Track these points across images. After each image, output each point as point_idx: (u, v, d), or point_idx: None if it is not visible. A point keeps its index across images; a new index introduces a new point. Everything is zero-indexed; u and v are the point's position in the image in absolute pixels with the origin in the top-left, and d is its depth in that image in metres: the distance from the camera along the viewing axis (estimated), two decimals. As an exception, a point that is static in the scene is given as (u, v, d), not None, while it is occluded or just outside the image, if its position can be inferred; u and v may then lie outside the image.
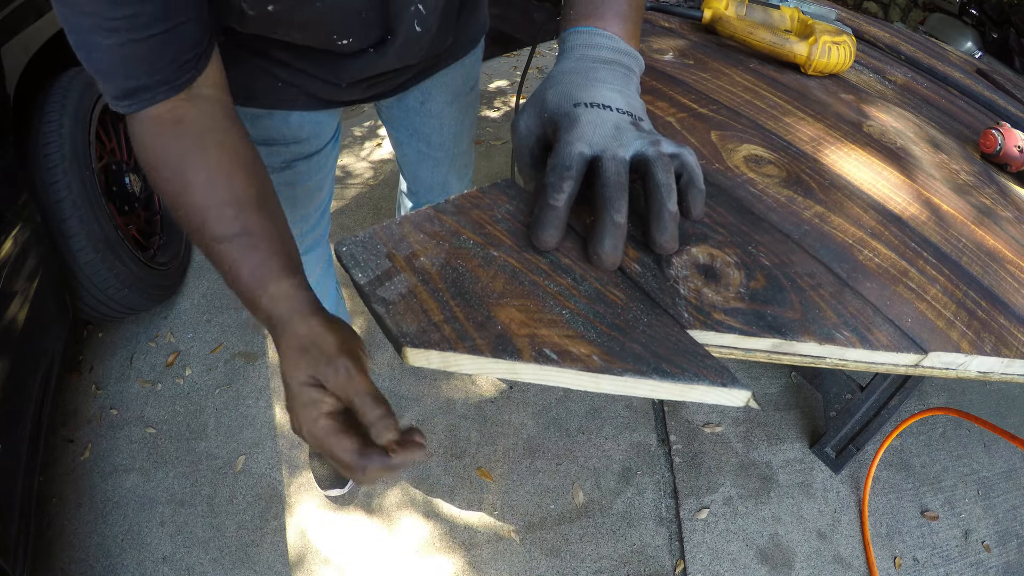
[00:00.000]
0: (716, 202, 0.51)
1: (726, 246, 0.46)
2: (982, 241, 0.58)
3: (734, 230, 0.48)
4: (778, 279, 0.45)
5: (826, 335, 0.42)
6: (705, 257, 0.45)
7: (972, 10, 3.15)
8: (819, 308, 0.44)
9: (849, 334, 0.42)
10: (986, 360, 0.45)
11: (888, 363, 0.44)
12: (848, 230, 0.52)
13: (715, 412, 1.52)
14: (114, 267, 1.32)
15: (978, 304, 0.49)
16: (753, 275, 0.45)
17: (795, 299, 0.44)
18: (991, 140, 0.75)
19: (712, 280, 0.43)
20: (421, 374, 1.52)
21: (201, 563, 1.22)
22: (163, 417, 1.42)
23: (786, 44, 0.78)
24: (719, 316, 0.41)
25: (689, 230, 0.47)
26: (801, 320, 0.42)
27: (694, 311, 0.41)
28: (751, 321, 0.41)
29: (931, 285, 0.49)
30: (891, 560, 1.33)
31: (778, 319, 0.42)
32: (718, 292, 0.43)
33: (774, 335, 0.41)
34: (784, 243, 0.49)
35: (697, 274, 0.44)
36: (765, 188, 0.54)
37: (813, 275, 0.46)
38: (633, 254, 0.44)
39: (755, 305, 0.43)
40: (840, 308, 0.44)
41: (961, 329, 0.46)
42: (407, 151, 1.02)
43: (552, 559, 1.26)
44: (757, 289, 0.44)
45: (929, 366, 0.45)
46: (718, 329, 0.40)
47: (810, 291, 0.45)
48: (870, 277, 0.48)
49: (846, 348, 0.42)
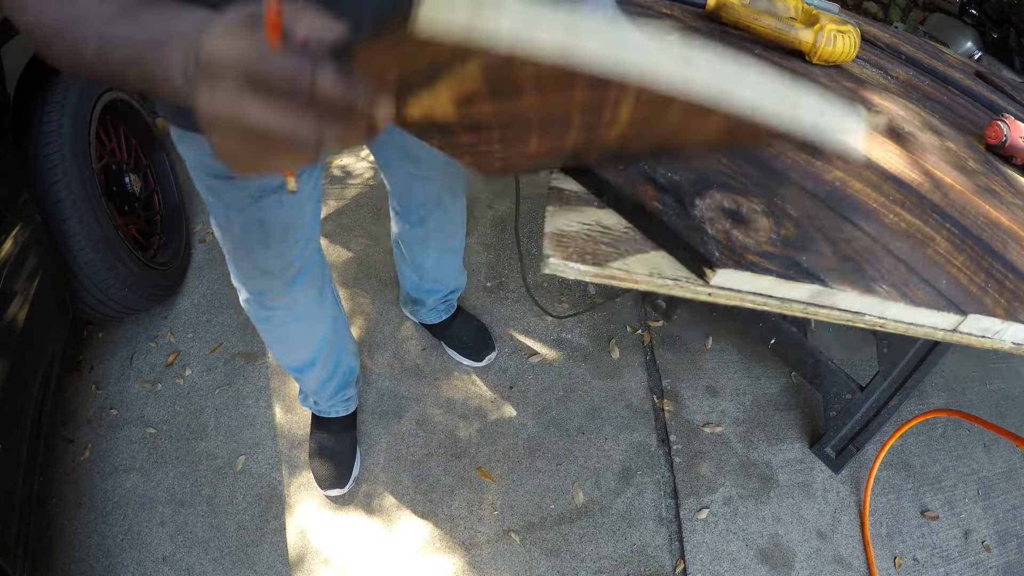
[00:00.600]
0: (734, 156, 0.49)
1: (750, 194, 0.45)
2: (998, 220, 0.57)
3: (756, 181, 0.47)
4: (808, 230, 0.43)
5: (866, 287, 0.40)
6: (730, 203, 0.43)
7: (972, 10, 3.14)
8: (854, 260, 0.42)
9: (889, 288, 0.41)
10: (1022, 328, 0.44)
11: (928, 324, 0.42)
12: (870, 195, 0.51)
13: (715, 412, 1.52)
14: (114, 267, 1.32)
15: (1005, 276, 0.48)
16: (782, 224, 0.43)
17: (828, 249, 0.42)
18: (997, 131, 0.75)
19: (740, 224, 0.42)
20: (421, 374, 1.52)
21: (201, 563, 1.22)
22: (163, 417, 1.42)
23: (791, 31, 0.77)
24: (753, 258, 0.39)
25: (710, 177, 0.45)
26: (838, 270, 0.40)
27: (725, 250, 0.39)
28: (787, 266, 0.39)
29: (958, 252, 0.48)
30: (891, 560, 1.33)
31: (815, 266, 0.40)
32: (748, 235, 0.41)
33: (813, 281, 0.39)
34: (809, 199, 0.47)
35: (723, 216, 0.42)
36: (783, 149, 0.53)
37: (842, 230, 0.45)
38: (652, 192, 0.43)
39: (789, 251, 0.41)
40: (875, 263, 0.42)
41: (994, 296, 0.45)
42: (396, 172, 0.99)
43: (552, 559, 1.26)
44: (788, 237, 0.42)
45: (967, 331, 0.43)
46: (753, 270, 0.38)
47: (842, 244, 0.43)
48: (899, 238, 0.46)
49: (887, 302, 0.40)
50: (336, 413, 1.31)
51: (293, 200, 0.80)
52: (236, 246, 0.85)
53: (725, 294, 0.40)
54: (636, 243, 0.42)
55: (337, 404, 1.30)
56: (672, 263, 0.41)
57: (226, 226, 0.82)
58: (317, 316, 1.05)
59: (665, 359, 1.60)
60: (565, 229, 0.42)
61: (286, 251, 0.87)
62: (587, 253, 0.40)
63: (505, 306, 1.68)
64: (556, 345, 1.61)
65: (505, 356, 1.57)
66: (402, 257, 1.31)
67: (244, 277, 0.93)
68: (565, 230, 0.41)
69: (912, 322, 0.42)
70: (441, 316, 1.48)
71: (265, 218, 0.79)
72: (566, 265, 0.39)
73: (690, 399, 1.53)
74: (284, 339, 1.07)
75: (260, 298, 0.96)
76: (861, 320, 0.41)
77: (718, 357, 1.63)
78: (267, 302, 0.96)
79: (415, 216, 1.12)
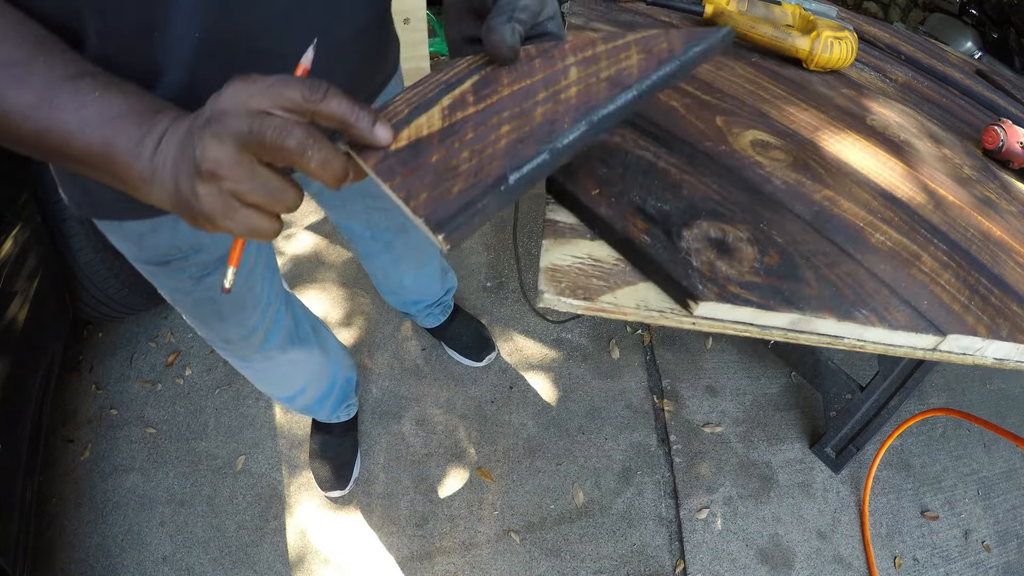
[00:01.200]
0: (725, 182, 0.51)
1: (737, 222, 0.46)
2: (989, 232, 0.58)
3: (744, 208, 0.48)
4: (792, 256, 0.45)
5: (845, 313, 0.41)
6: (716, 232, 0.45)
7: (972, 10, 3.14)
8: (835, 286, 0.43)
9: (868, 313, 0.42)
10: (1003, 346, 0.45)
11: (907, 345, 0.43)
12: (858, 214, 0.52)
13: (715, 412, 1.52)
14: (114, 267, 1.32)
15: (990, 291, 0.49)
16: (767, 251, 0.44)
17: (811, 276, 0.43)
18: (993, 136, 0.75)
19: (725, 254, 0.43)
20: (421, 374, 1.52)
21: (201, 563, 1.22)
22: (163, 417, 1.42)
23: (788, 38, 0.78)
24: (734, 289, 0.41)
25: (699, 206, 0.47)
26: (818, 297, 0.42)
27: (708, 283, 0.41)
28: (768, 295, 0.41)
29: (944, 270, 0.49)
30: (891, 560, 1.33)
31: (795, 295, 0.42)
32: (732, 266, 0.43)
33: (792, 310, 0.40)
34: (795, 223, 0.48)
35: (709, 247, 0.43)
36: (773, 171, 0.54)
37: (827, 255, 0.46)
38: (641, 225, 0.44)
39: (771, 280, 0.42)
40: (856, 288, 0.44)
41: (976, 314, 0.46)
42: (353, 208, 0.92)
43: (552, 559, 1.26)
44: (772, 265, 0.43)
45: (947, 350, 0.44)
46: (734, 302, 0.40)
47: (825, 269, 0.45)
48: (884, 259, 0.48)
49: (865, 327, 0.41)
50: (337, 419, 1.31)
51: (238, 273, 0.74)
52: (191, 318, 0.81)
53: (708, 323, 0.42)
54: (625, 275, 0.44)
55: (339, 412, 1.29)
56: (658, 294, 0.43)
57: (176, 302, 0.78)
58: (300, 358, 1.01)
59: (665, 359, 1.60)
60: (559, 264, 0.44)
61: (244, 321, 0.82)
62: (579, 288, 0.42)
63: (505, 306, 1.68)
64: (556, 345, 1.61)
65: (505, 356, 1.57)
66: (379, 282, 1.26)
67: (209, 340, 0.88)
68: (559, 264, 0.43)
69: (891, 343, 0.44)
70: (439, 319, 1.48)
71: (214, 295, 0.74)
72: (559, 300, 0.41)
73: (690, 399, 1.53)
74: (267, 378, 1.03)
75: (231, 353, 0.91)
76: (841, 343, 0.43)
77: (718, 357, 1.63)
78: (240, 356, 0.92)
79: (380, 242, 1.04)
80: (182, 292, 0.74)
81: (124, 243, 0.66)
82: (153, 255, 0.66)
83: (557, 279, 0.42)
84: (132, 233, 0.63)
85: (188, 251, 0.67)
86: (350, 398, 1.28)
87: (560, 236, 0.46)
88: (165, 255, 0.66)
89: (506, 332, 1.62)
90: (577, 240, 0.46)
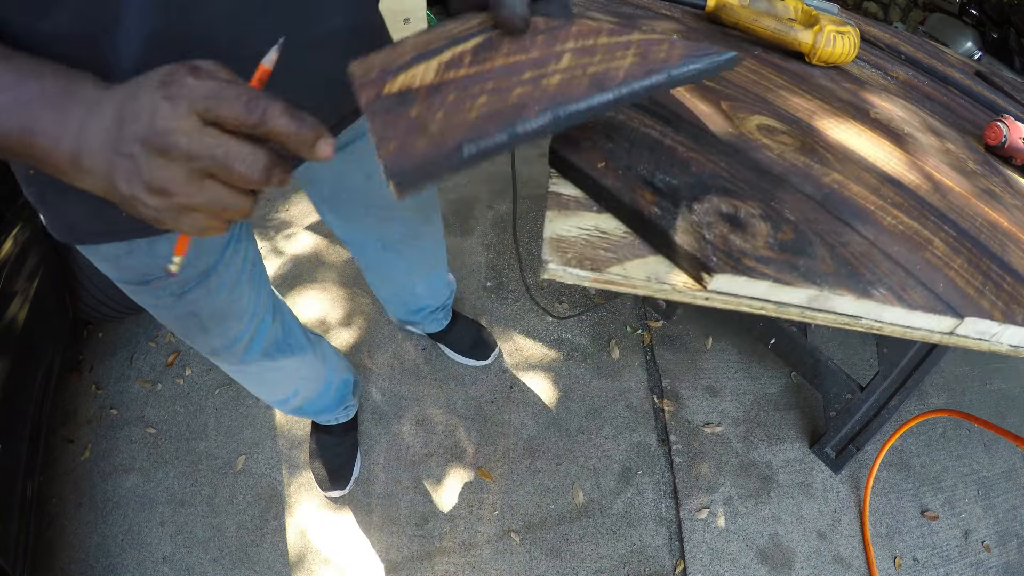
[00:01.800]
0: (732, 161, 0.50)
1: (748, 199, 0.45)
2: (996, 222, 0.58)
3: (753, 186, 0.47)
4: (806, 233, 0.44)
5: (863, 291, 0.40)
6: (728, 207, 0.44)
7: (972, 10, 3.15)
8: (851, 264, 0.42)
9: (885, 292, 0.41)
10: (1019, 331, 0.44)
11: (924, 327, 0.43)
12: (868, 197, 0.51)
13: (715, 412, 1.52)
14: (114, 267, 1.32)
15: (1003, 278, 0.49)
16: (780, 227, 0.43)
17: (826, 254, 0.42)
18: (996, 132, 0.75)
19: (738, 228, 0.42)
20: (421, 374, 1.52)
21: (201, 563, 1.22)
22: (163, 417, 1.42)
23: (791, 32, 0.78)
24: (750, 262, 0.40)
25: (708, 182, 0.46)
26: (835, 274, 0.41)
27: (723, 255, 0.39)
28: (784, 270, 0.40)
29: (956, 255, 0.48)
30: (891, 560, 1.33)
31: (811, 271, 0.41)
32: (746, 240, 0.41)
33: (810, 285, 0.39)
34: (806, 202, 0.47)
35: (722, 221, 0.42)
36: (781, 153, 0.53)
37: (839, 234, 0.45)
38: (650, 197, 0.43)
39: (786, 255, 0.41)
40: (872, 267, 0.43)
41: (991, 299, 0.45)
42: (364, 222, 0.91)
43: (552, 559, 1.26)
44: (786, 241, 0.42)
45: (964, 334, 0.44)
46: (750, 275, 0.39)
47: (840, 248, 0.44)
48: (897, 241, 0.47)
49: (883, 306, 0.41)
50: (336, 420, 1.31)
51: (222, 287, 0.74)
52: (176, 331, 0.81)
53: (722, 299, 0.40)
54: (634, 248, 0.42)
55: (337, 413, 1.29)
56: (669, 268, 0.41)
57: (160, 317, 0.77)
58: (291, 365, 1.00)
59: (665, 359, 1.60)
60: (563, 234, 0.42)
61: (227, 332, 0.81)
62: (586, 258, 0.40)
63: (505, 306, 1.68)
64: (556, 345, 1.61)
65: (505, 356, 1.57)
66: (389, 294, 1.24)
67: (197, 348, 0.87)
68: (564, 235, 0.42)
69: (909, 325, 0.42)
70: (442, 323, 1.46)
71: (196, 310, 0.74)
72: (564, 270, 0.39)
73: (690, 399, 1.53)
74: (255, 383, 1.02)
75: (219, 361, 0.91)
76: (858, 324, 0.42)
77: (718, 357, 1.63)
78: (227, 363, 0.91)
79: (392, 252, 1.03)
80: (164, 308, 0.74)
81: (104, 264, 0.66)
82: (132, 275, 0.67)
83: (563, 249, 0.40)
84: (109, 255, 0.64)
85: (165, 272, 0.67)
86: (348, 400, 1.28)
87: (565, 208, 0.44)
88: (144, 275, 0.67)
89: (506, 332, 1.62)
90: (582, 212, 0.44)
